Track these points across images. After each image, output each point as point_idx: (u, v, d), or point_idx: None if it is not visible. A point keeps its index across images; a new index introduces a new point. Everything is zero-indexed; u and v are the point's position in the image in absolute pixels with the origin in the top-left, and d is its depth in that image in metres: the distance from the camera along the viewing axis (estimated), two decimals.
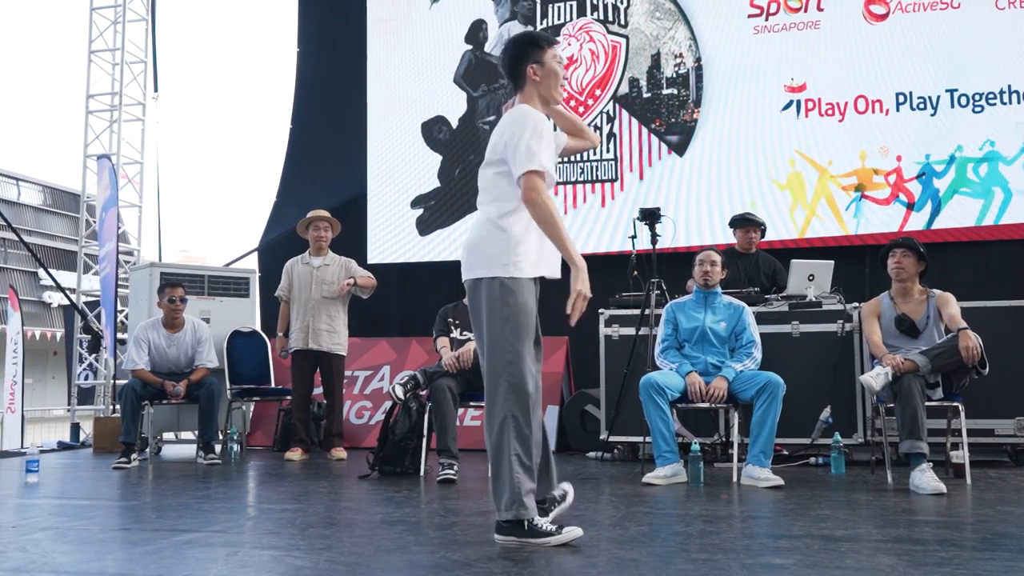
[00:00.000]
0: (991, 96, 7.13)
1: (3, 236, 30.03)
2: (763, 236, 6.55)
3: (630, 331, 5.88)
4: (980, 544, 3.18)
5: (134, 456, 6.17)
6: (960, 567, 2.79)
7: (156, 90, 9.78)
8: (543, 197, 3.20)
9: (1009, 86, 7.09)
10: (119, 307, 8.42)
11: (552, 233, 3.24)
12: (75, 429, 8.34)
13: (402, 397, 5.47)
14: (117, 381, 8.08)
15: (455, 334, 5.73)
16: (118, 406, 6.97)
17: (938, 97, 7.22)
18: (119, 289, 8.34)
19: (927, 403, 4.73)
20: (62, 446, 7.85)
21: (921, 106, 7.25)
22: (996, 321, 5.48)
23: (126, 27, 9.73)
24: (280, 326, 6.85)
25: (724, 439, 5.81)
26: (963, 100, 7.18)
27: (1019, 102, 7.07)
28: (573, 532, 3.21)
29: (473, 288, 3.31)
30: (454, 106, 8.33)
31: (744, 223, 6.47)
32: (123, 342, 7.97)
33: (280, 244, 8.36)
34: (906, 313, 5.07)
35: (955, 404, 4.87)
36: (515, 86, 3.44)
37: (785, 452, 5.75)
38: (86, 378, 9.11)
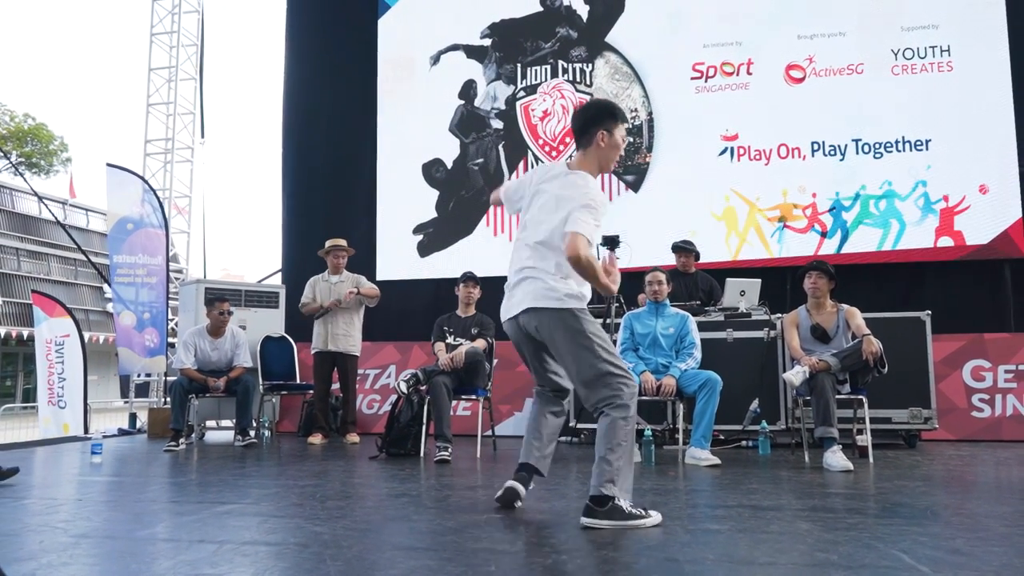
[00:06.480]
0: (888, 145, 7.20)
1: (75, 257, 29.91)
2: (697, 259, 6.56)
3: None
4: (880, 512, 3.20)
5: (182, 440, 6.12)
6: (864, 531, 2.80)
7: (203, 136, 9.83)
8: (588, 256, 2.95)
9: (903, 136, 7.16)
10: (170, 316, 8.35)
11: (593, 283, 3.10)
12: (132, 418, 8.27)
13: (405, 391, 5.45)
14: (168, 378, 7.99)
15: (449, 340, 5.72)
16: (168, 399, 6.91)
17: (846, 145, 7.29)
18: (170, 301, 8.29)
19: (837, 396, 4.76)
20: (122, 432, 7.77)
21: (832, 153, 7.31)
22: (893, 329, 5.53)
23: (178, 85, 9.74)
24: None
25: (672, 426, 5.81)
26: (866, 148, 7.25)
27: (911, 150, 7.14)
28: (657, 518, 2.95)
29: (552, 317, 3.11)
30: (449, 150, 8.33)
31: (678, 250, 6.52)
32: (173, 345, 7.92)
33: (299, 264, 8.29)
34: (819, 323, 5.11)
35: (860, 397, 4.91)
36: (578, 144, 3.17)
37: (722, 436, 5.76)
38: (140, 376, 9.02)
